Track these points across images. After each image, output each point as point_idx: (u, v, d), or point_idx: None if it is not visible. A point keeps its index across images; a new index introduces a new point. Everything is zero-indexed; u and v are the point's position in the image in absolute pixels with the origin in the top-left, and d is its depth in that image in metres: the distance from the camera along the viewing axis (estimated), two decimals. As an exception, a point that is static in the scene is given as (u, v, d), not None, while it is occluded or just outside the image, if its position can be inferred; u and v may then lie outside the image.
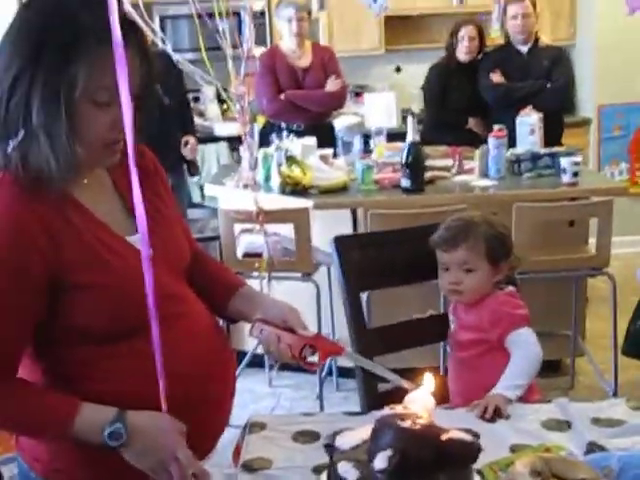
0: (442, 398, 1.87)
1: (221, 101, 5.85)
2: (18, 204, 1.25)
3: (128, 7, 1.79)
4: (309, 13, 4.64)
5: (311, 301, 3.46)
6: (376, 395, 2.02)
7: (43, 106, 1.21)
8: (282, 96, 4.54)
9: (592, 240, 3.55)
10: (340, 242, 2.12)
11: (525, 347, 1.92)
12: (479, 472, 1.32)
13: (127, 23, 1.28)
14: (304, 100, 4.58)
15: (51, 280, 1.27)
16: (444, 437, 1.26)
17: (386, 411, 1.33)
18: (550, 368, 3.79)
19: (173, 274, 1.46)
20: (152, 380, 1.29)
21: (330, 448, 1.33)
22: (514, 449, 1.47)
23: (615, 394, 3.36)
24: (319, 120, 4.62)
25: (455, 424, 1.37)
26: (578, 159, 3.70)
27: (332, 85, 4.63)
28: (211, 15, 3.17)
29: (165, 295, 1.35)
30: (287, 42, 4.64)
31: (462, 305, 2.07)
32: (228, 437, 1.61)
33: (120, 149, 1.34)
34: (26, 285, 1.25)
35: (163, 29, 5.32)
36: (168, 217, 1.51)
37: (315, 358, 1.49)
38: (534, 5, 4.57)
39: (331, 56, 4.81)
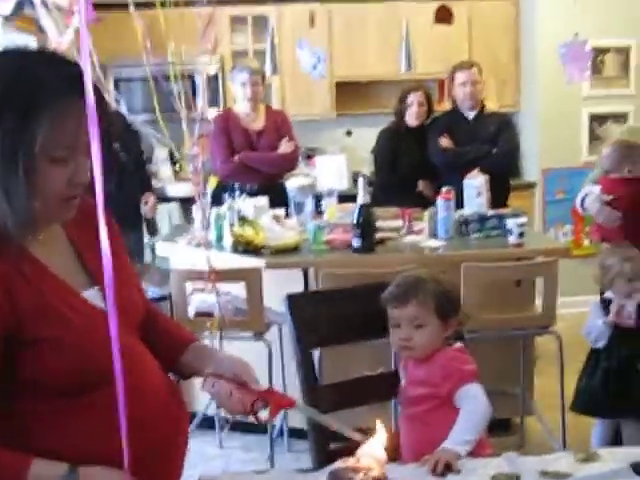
0: (394, 454, 1.87)
1: (174, 162, 5.87)
2: None
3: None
4: (263, 77, 4.67)
5: (263, 360, 3.43)
6: (328, 452, 2.01)
7: (1, 164, 1.22)
8: (236, 158, 4.56)
9: (538, 300, 3.60)
10: (292, 299, 2.14)
11: (474, 402, 1.93)
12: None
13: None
14: (258, 162, 4.61)
15: (6, 334, 1.26)
16: (395, 490, 1.27)
17: (338, 464, 1.33)
18: (500, 427, 3.79)
19: (129, 330, 1.45)
20: (108, 435, 1.28)
21: (282, 504, 1.33)
22: (464, 503, 1.48)
23: (564, 451, 3.37)
24: (272, 181, 4.63)
25: (407, 479, 1.37)
26: (524, 220, 3.76)
27: (285, 147, 4.66)
28: (166, 78, 3.21)
29: (121, 351, 1.35)
30: (241, 105, 4.68)
31: (412, 361, 2.08)
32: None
33: (77, 204, 1.35)
34: None
35: (117, 90, 5.36)
36: (123, 274, 1.51)
37: (267, 412, 1.49)
38: (480, 73, 4.71)
39: (284, 119, 4.85)
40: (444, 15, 4.11)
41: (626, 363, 3.02)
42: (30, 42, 4.94)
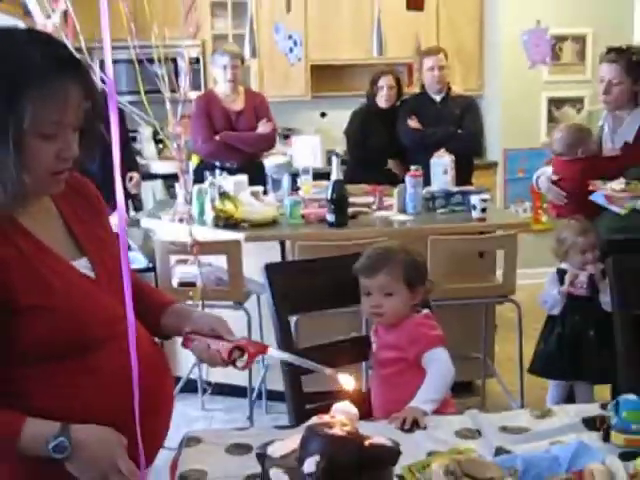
0: (365, 412, 1.90)
1: (157, 141, 5.83)
2: None
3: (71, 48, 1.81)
4: (242, 61, 4.65)
5: (242, 328, 3.45)
6: (304, 412, 2.03)
7: None
8: (217, 137, 4.55)
9: (499, 271, 3.64)
10: (271, 269, 2.14)
11: (439, 365, 1.96)
12: (399, 476, 1.35)
13: (73, 61, 1.30)
14: (237, 141, 4.58)
15: (0, 304, 1.26)
16: (367, 443, 1.29)
17: (314, 420, 1.35)
18: (463, 388, 3.85)
19: (117, 297, 1.46)
20: (101, 396, 1.29)
21: (262, 457, 1.33)
22: (430, 454, 1.50)
23: (522, 411, 3.43)
24: (251, 160, 4.62)
25: (377, 435, 1.39)
26: (486, 197, 3.78)
27: (263, 128, 4.65)
28: (150, 60, 3.18)
29: (112, 316, 1.37)
30: (222, 87, 4.65)
31: (383, 326, 2.10)
32: (163, 459, 1.60)
33: (65, 178, 1.35)
34: None
35: (102, 71, 5.28)
36: (109, 244, 1.52)
37: (244, 360, 1.51)
38: (447, 58, 4.71)
39: (262, 101, 4.83)
40: (416, 2, 4.08)
41: (578, 329, 3.08)
42: (18, 25, 4.87)
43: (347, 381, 1.46)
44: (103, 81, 3.25)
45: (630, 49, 3.18)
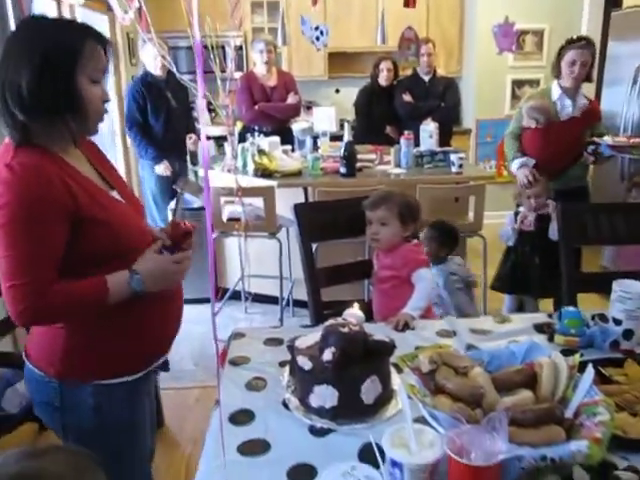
0: (367, 317, 1.90)
1: (210, 110, 5.74)
2: (41, 164, 1.21)
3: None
4: (275, 47, 4.57)
5: (276, 253, 3.46)
6: (322, 315, 2.04)
7: (56, 93, 1.20)
8: (256, 107, 4.47)
9: (471, 212, 3.61)
10: (298, 208, 2.13)
11: (424, 282, 1.95)
12: (394, 364, 1.36)
13: (102, 35, 1.30)
14: (272, 110, 4.50)
15: (69, 213, 1.22)
16: (370, 339, 1.29)
17: (330, 322, 1.35)
18: (440, 300, 3.88)
19: (140, 216, 1.46)
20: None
21: (291, 348, 1.35)
22: (417, 348, 1.51)
23: (484, 317, 3.44)
24: (282, 124, 4.56)
25: (377, 333, 1.39)
26: (462, 156, 3.74)
27: (291, 99, 4.56)
28: (205, 47, 3.10)
29: (142, 230, 1.39)
30: (259, 68, 4.55)
31: (382, 251, 2.09)
32: (215, 349, 1.60)
33: (103, 121, 1.33)
34: (58, 216, 1.20)
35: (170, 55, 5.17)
36: (122, 180, 1.50)
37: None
38: (434, 46, 4.60)
39: (291, 78, 4.74)
40: (409, 1, 3.95)
41: (527, 256, 3.06)
42: (102, 19, 4.73)
43: (359, 311, 1.47)
44: (170, 63, 3.19)
45: (591, 40, 3.10)
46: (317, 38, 3.93)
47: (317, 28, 3.96)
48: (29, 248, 1.18)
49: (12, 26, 2.84)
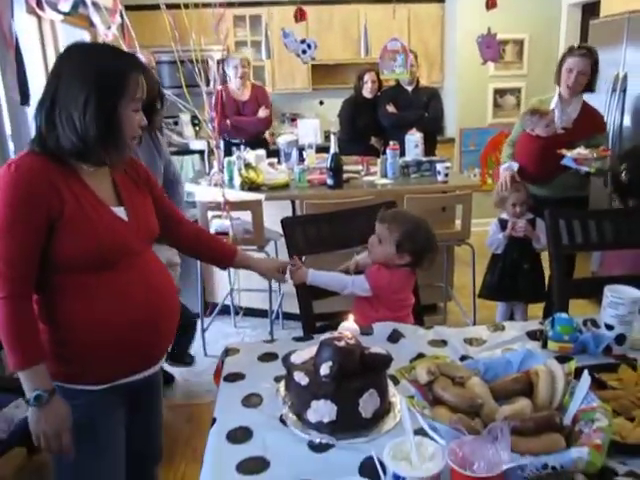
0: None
1: (194, 124, 5.73)
2: (40, 167, 1.28)
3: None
4: (248, 63, 4.77)
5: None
6: (313, 327, 2.03)
7: (98, 114, 1.28)
8: (228, 122, 4.65)
9: (458, 221, 3.63)
10: (286, 222, 2.12)
11: (359, 283, 1.96)
12: (391, 376, 1.35)
13: (140, 62, 1.38)
14: (243, 124, 4.71)
15: (50, 222, 1.28)
16: (367, 352, 1.28)
17: (327, 335, 1.34)
18: (429, 309, 3.89)
19: (142, 241, 1.46)
20: (118, 303, 1.34)
21: (287, 363, 1.34)
22: (412, 360, 1.50)
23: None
24: (254, 137, 4.74)
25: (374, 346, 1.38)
26: (448, 165, 3.77)
27: (262, 113, 4.75)
28: (189, 61, 3.11)
29: (129, 249, 1.40)
30: (233, 82, 4.73)
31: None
32: (206, 365, 1.57)
33: (134, 145, 1.40)
34: (36, 221, 1.27)
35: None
36: (145, 202, 1.53)
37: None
38: (416, 58, 4.62)
39: (263, 92, 4.91)
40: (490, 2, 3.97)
41: (517, 263, 3.08)
42: (84, 35, 4.71)
43: (354, 324, 1.48)
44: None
45: (593, 49, 3.08)
46: (304, 51, 3.95)
47: (304, 41, 3.98)
48: (8, 244, 1.26)
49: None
